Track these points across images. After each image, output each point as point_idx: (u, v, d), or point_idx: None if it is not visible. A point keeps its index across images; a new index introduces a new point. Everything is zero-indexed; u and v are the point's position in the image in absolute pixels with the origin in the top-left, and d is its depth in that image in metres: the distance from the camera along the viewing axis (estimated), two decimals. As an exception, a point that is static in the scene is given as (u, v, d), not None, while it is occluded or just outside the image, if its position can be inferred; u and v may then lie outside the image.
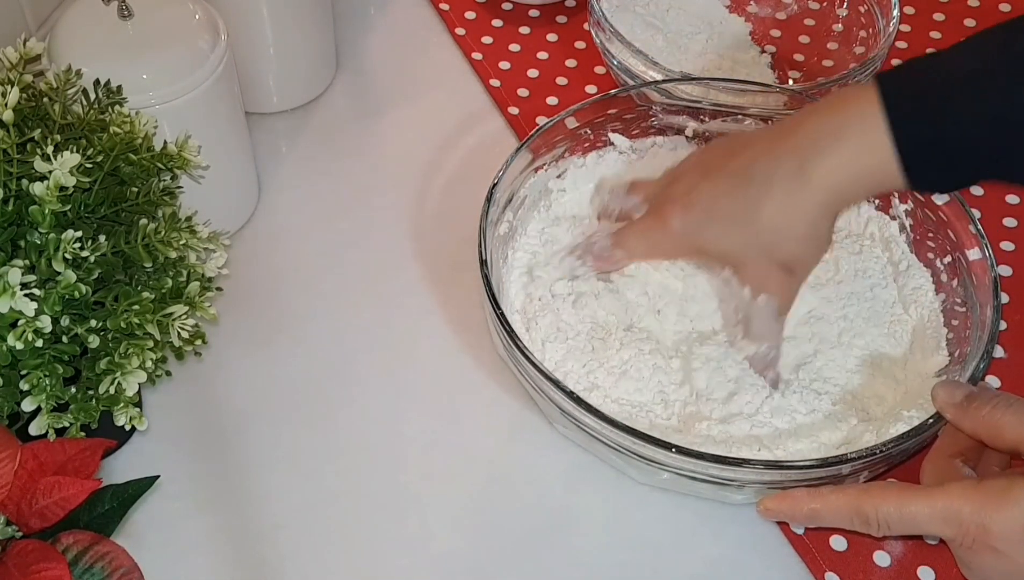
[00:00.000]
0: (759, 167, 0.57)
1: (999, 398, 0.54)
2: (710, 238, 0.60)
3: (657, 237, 0.62)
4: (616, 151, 0.73)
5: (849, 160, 0.55)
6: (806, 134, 0.57)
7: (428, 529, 0.61)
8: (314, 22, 0.79)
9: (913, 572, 0.60)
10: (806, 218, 0.57)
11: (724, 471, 0.56)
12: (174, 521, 0.60)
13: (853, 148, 0.55)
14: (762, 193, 0.57)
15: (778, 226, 0.58)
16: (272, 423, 0.65)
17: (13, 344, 0.50)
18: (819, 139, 0.56)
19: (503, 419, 0.66)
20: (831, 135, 0.56)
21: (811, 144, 0.56)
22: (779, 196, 0.57)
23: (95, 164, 0.55)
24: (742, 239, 0.59)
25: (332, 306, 0.71)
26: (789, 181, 0.57)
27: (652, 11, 0.86)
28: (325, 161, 0.79)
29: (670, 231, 0.61)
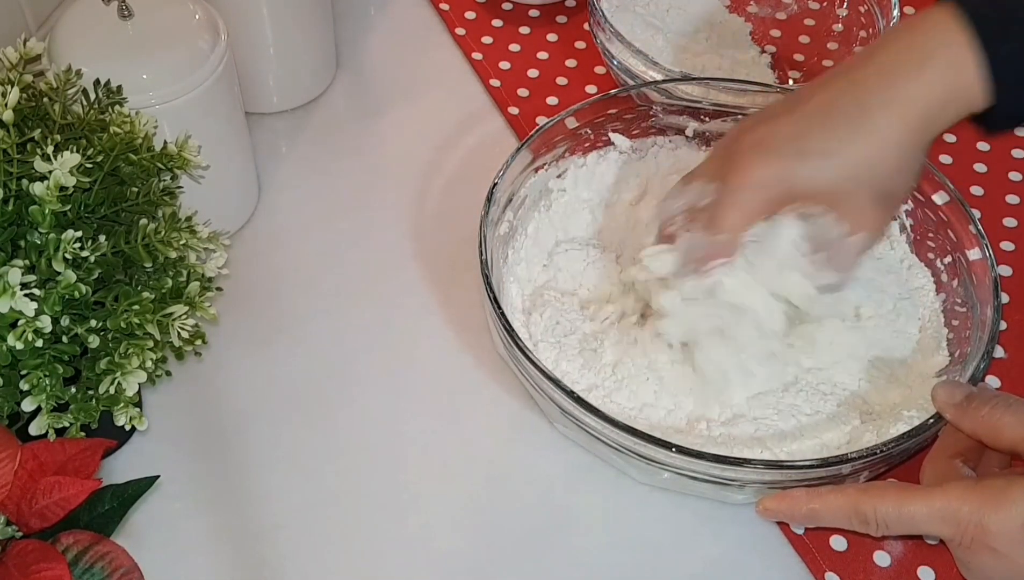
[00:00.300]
0: (845, 99, 0.55)
1: (999, 398, 0.54)
2: (804, 178, 0.56)
3: (745, 195, 0.57)
4: (616, 151, 0.73)
5: (937, 82, 0.53)
6: (889, 60, 0.54)
7: (428, 529, 0.61)
8: (314, 22, 0.79)
9: (913, 572, 0.60)
10: (899, 147, 0.55)
11: (724, 471, 0.56)
12: (174, 521, 0.60)
13: (940, 69, 0.53)
14: (853, 124, 0.54)
15: (871, 157, 0.55)
16: (272, 423, 0.65)
17: (13, 344, 0.50)
18: (904, 63, 0.54)
19: (503, 419, 0.66)
20: (916, 58, 0.53)
21: (896, 69, 0.54)
22: (870, 125, 0.54)
23: (95, 164, 0.55)
24: (837, 173, 0.55)
25: (332, 306, 0.71)
26: (878, 109, 0.54)
27: (652, 11, 0.86)
28: (325, 161, 0.79)
29: (756, 180, 0.56)
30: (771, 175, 0.56)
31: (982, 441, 0.55)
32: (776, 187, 0.57)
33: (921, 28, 0.54)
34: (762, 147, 0.57)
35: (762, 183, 0.57)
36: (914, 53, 0.54)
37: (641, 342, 0.63)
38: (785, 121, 0.57)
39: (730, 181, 0.57)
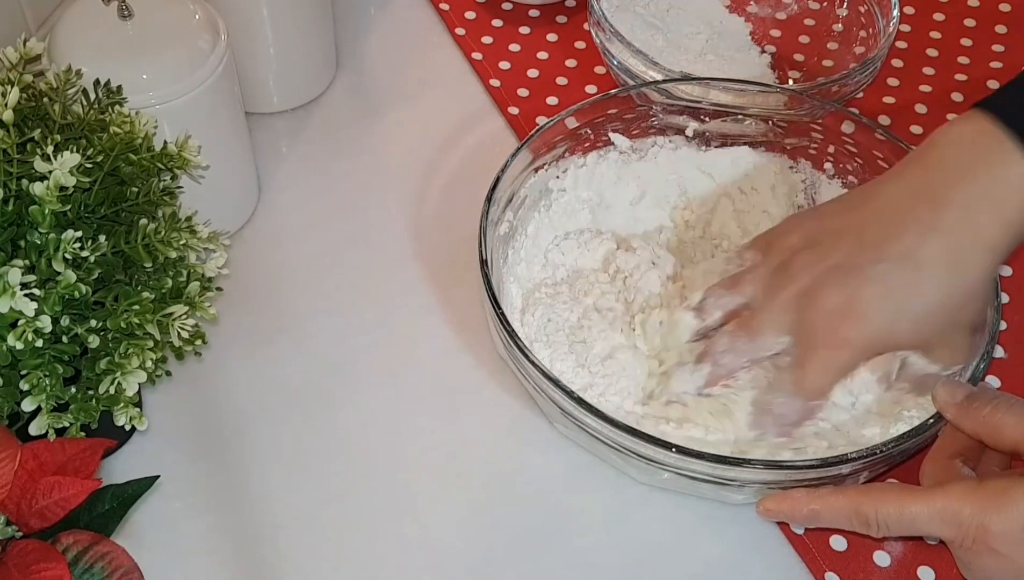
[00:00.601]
0: (931, 249, 0.54)
1: (999, 398, 0.54)
2: (901, 336, 0.56)
3: (840, 362, 0.56)
4: (616, 151, 0.73)
5: (1016, 216, 0.53)
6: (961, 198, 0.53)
7: (428, 529, 0.61)
8: (314, 22, 0.79)
9: (913, 572, 0.60)
10: (984, 284, 0.56)
11: (724, 471, 0.56)
12: (174, 521, 0.60)
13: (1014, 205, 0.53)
14: (946, 278, 0.54)
15: (965, 304, 0.55)
16: (272, 423, 0.65)
17: (13, 344, 0.50)
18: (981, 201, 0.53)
19: (503, 419, 0.66)
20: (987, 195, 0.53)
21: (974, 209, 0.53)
22: (967, 276, 0.54)
23: (95, 164, 0.55)
24: (938, 323, 0.55)
25: (332, 306, 0.71)
26: (971, 258, 0.54)
27: (652, 11, 0.86)
28: (325, 161, 0.79)
29: (857, 348, 0.56)
30: (868, 342, 0.56)
31: (983, 441, 0.55)
32: (873, 350, 0.56)
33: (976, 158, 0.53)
34: (853, 313, 0.55)
35: (860, 348, 0.56)
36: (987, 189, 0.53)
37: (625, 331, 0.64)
38: (864, 280, 0.55)
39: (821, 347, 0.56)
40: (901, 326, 0.55)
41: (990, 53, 0.88)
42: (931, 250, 0.54)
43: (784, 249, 0.59)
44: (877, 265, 0.55)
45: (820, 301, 0.55)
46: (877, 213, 0.56)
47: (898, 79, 0.85)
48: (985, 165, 0.53)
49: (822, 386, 0.57)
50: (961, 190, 0.54)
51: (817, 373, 0.57)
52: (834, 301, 0.55)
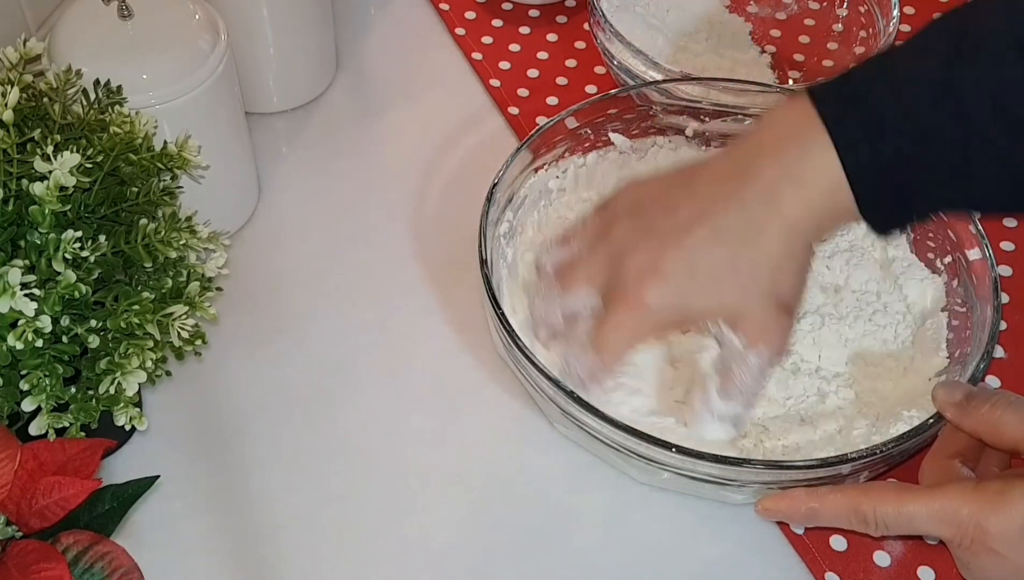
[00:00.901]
0: (729, 219, 0.54)
1: (999, 397, 0.54)
2: (697, 301, 0.55)
3: (636, 322, 0.56)
4: (616, 151, 0.73)
5: (815, 198, 0.53)
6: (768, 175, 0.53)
7: (428, 529, 0.61)
8: (314, 22, 0.79)
9: (913, 572, 0.60)
10: (788, 259, 0.54)
11: (724, 471, 0.56)
12: (174, 521, 0.60)
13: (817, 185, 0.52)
14: (741, 243, 0.53)
15: (762, 275, 0.54)
16: (272, 423, 0.65)
17: (13, 344, 0.50)
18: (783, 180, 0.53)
19: (503, 419, 0.66)
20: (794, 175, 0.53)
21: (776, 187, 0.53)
22: (761, 243, 0.53)
23: (95, 164, 0.55)
24: (733, 291, 0.55)
25: (332, 306, 0.71)
26: (767, 231, 0.53)
27: (652, 11, 0.86)
28: (325, 161, 0.79)
29: (650, 310, 0.55)
30: (662, 302, 0.55)
31: (982, 440, 0.55)
32: (668, 314, 0.56)
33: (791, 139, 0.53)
34: (654, 273, 0.55)
35: (654, 309, 0.55)
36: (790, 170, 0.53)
37: None
38: (671, 244, 0.55)
39: (618, 303, 0.56)
40: (695, 291, 0.55)
41: (990, 53, 0.88)
42: (730, 220, 0.54)
43: (613, 212, 0.59)
44: (683, 234, 0.55)
45: (627, 262, 0.56)
46: (696, 184, 0.56)
47: (898, 79, 0.85)
48: (794, 145, 0.53)
49: (616, 343, 0.56)
50: (768, 166, 0.53)
51: (612, 330, 0.56)
52: (638, 263, 0.55)
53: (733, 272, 0.54)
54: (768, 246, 0.53)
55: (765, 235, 0.53)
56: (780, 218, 0.53)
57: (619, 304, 0.56)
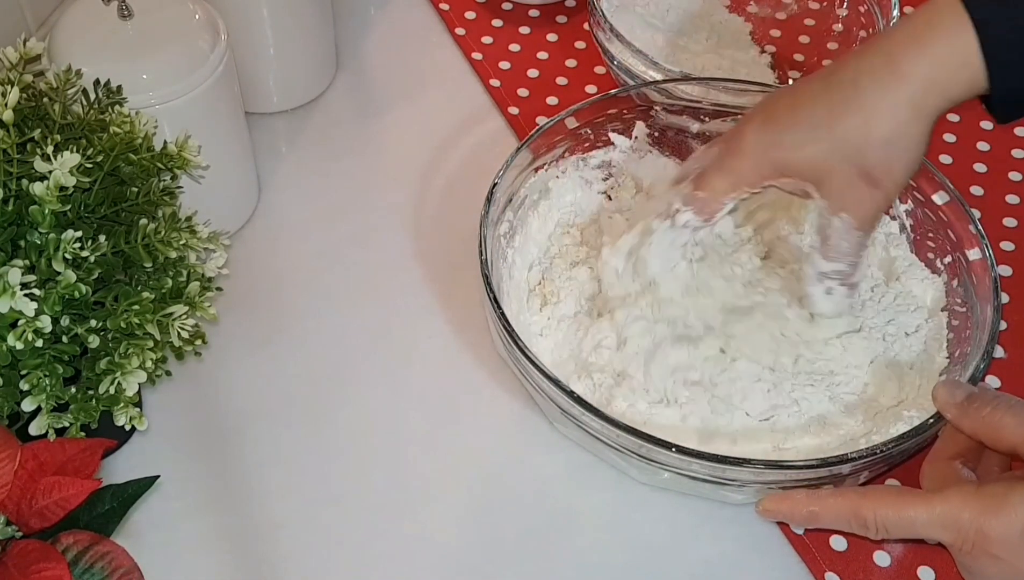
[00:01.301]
0: (846, 72, 0.54)
1: (999, 399, 0.54)
2: (788, 147, 0.55)
3: (734, 161, 0.57)
4: (616, 151, 0.73)
5: (936, 61, 0.52)
6: (892, 41, 0.54)
7: (428, 529, 0.61)
8: (314, 22, 0.79)
9: (913, 572, 0.60)
10: (894, 117, 0.53)
11: (724, 471, 0.56)
12: (174, 521, 0.60)
13: (940, 48, 0.52)
14: (847, 94, 0.53)
15: (863, 128, 0.53)
16: (272, 423, 0.65)
17: (13, 344, 0.50)
18: (905, 42, 0.53)
19: (503, 419, 0.66)
20: (917, 38, 0.53)
21: (896, 48, 0.53)
22: (864, 95, 0.53)
23: (95, 164, 0.55)
24: (824, 145, 0.54)
25: (332, 306, 0.71)
26: (875, 78, 0.53)
27: (652, 11, 0.86)
28: (325, 161, 0.79)
29: (746, 147, 0.56)
30: (757, 141, 0.57)
31: (982, 441, 0.55)
32: (761, 156, 0.57)
33: (928, 9, 0.53)
34: (763, 113, 0.57)
35: (749, 147, 0.57)
36: (916, 33, 0.53)
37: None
38: (789, 94, 0.57)
39: (725, 140, 0.59)
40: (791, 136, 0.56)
41: (990, 53, 0.88)
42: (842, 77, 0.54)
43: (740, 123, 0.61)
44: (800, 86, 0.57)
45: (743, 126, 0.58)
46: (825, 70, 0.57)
47: (898, 79, 0.85)
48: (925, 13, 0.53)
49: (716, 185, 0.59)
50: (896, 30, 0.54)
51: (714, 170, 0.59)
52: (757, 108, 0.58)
53: (830, 125, 0.54)
54: (873, 103, 0.53)
55: (872, 91, 0.53)
56: (894, 77, 0.52)
57: (723, 149, 0.58)
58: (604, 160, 0.73)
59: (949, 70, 0.52)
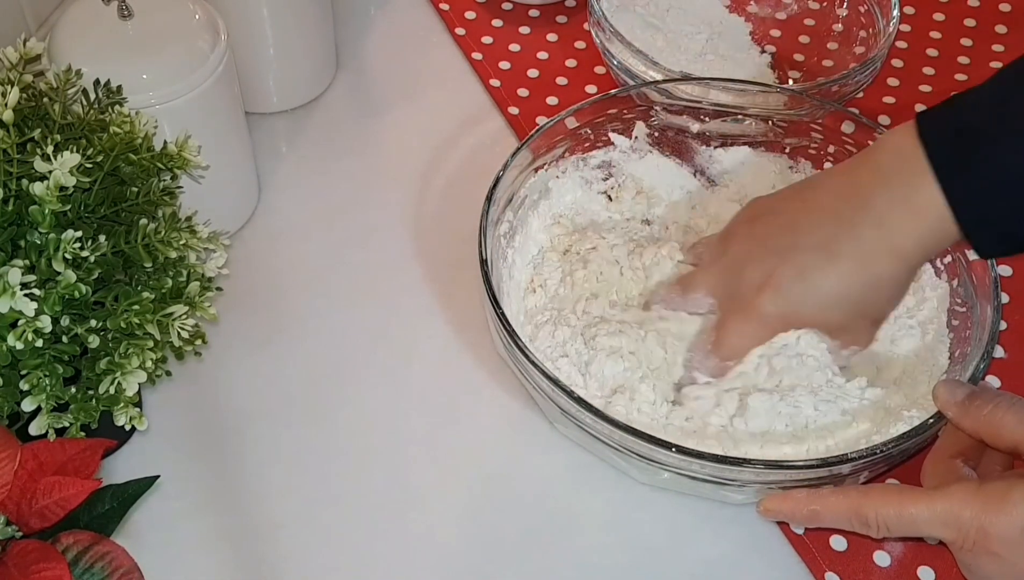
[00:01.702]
0: (843, 244, 0.58)
1: (1000, 398, 0.54)
2: (809, 314, 0.60)
3: (754, 328, 0.61)
4: (616, 151, 0.73)
5: (926, 228, 0.56)
6: (879, 206, 0.57)
7: (428, 529, 0.61)
8: (314, 22, 0.79)
9: (913, 572, 0.60)
10: (895, 284, 0.59)
11: (724, 471, 0.56)
12: (174, 521, 0.60)
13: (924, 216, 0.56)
14: (854, 269, 0.58)
15: (875, 296, 0.59)
16: (272, 423, 0.65)
17: (13, 344, 0.50)
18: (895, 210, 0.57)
19: (503, 419, 0.66)
20: (900, 203, 0.56)
21: (888, 216, 0.57)
22: (871, 273, 0.58)
23: (95, 164, 0.55)
24: (841, 311, 0.60)
25: (332, 306, 0.71)
26: (879, 257, 0.58)
27: (652, 11, 0.86)
28: (325, 161, 0.79)
29: (767, 318, 0.60)
30: (779, 312, 0.60)
31: (983, 440, 0.55)
32: (781, 322, 0.61)
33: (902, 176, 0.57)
34: (772, 284, 0.60)
35: (770, 317, 0.60)
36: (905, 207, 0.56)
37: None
38: (787, 260, 0.59)
39: (737, 312, 0.61)
40: (809, 306, 0.60)
41: (990, 53, 0.88)
42: (845, 244, 0.58)
43: (734, 227, 0.64)
44: (798, 251, 0.59)
45: (745, 273, 0.61)
46: (812, 204, 0.61)
47: (898, 79, 0.85)
48: (904, 178, 0.57)
49: (735, 347, 0.62)
50: (880, 196, 0.57)
51: (732, 335, 0.62)
52: (756, 275, 0.60)
53: (843, 293, 0.59)
54: (878, 272, 0.58)
55: (877, 263, 0.58)
56: (891, 246, 0.57)
57: (738, 313, 0.61)
58: (604, 160, 0.73)
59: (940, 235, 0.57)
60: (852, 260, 0.58)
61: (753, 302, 0.60)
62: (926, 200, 0.56)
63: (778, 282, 0.59)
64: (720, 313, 0.62)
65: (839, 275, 0.58)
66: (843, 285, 0.59)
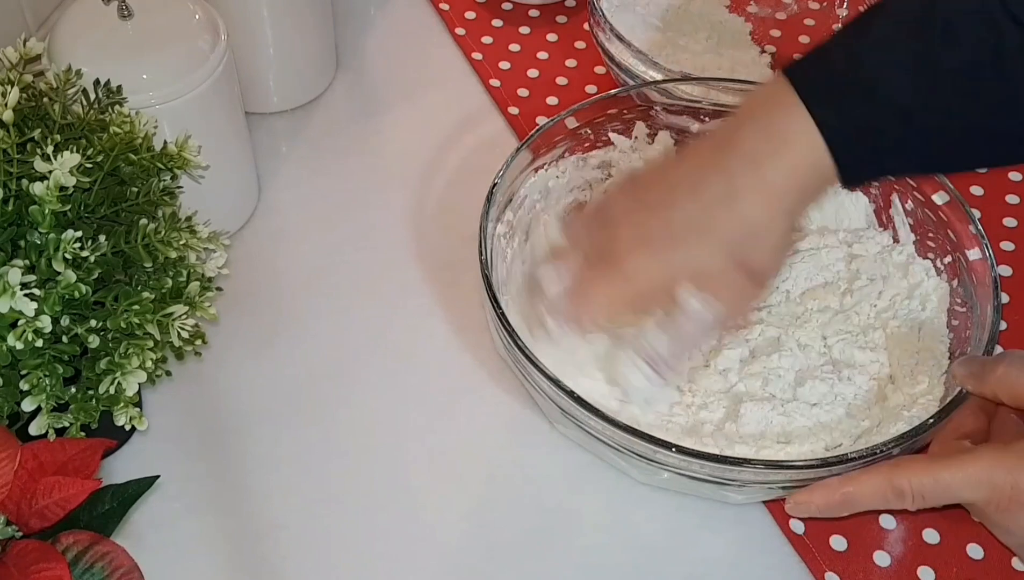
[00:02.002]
0: (715, 186, 0.55)
1: (1013, 357, 0.55)
2: (679, 264, 0.56)
3: (617, 290, 0.57)
4: (616, 151, 0.73)
5: (798, 165, 0.54)
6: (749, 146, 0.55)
7: (428, 529, 0.61)
8: (314, 22, 0.79)
9: (913, 572, 0.60)
10: (774, 231, 0.56)
11: (724, 471, 0.56)
12: (174, 521, 0.60)
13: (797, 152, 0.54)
14: (722, 206, 0.55)
15: (743, 239, 0.55)
16: (272, 423, 0.65)
17: (13, 344, 0.50)
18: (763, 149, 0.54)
19: (503, 419, 0.66)
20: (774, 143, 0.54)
21: (757, 155, 0.54)
22: (740, 210, 0.54)
23: (95, 164, 0.55)
24: (707, 249, 0.55)
25: (332, 306, 0.71)
26: (748, 194, 0.54)
27: (652, 11, 0.86)
28: (325, 161, 0.79)
29: (636, 273, 0.56)
30: (647, 266, 0.56)
31: (1003, 402, 0.56)
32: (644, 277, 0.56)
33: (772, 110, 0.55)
34: (637, 236, 0.56)
35: (639, 272, 0.56)
36: (772, 137, 0.54)
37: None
38: (656, 211, 0.56)
39: (604, 265, 0.57)
40: (673, 253, 0.56)
41: (990, 53, 0.88)
42: (713, 187, 0.55)
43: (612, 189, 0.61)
44: (668, 203, 0.56)
45: (617, 232, 0.57)
46: (685, 160, 0.58)
47: (898, 79, 0.85)
48: (771, 115, 0.55)
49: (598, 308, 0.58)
50: (749, 135, 0.55)
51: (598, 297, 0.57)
52: (626, 234, 0.57)
53: (709, 231, 0.55)
54: (748, 210, 0.54)
55: (746, 200, 0.54)
56: (762, 183, 0.54)
57: (602, 273, 0.57)
58: (604, 160, 0.73)
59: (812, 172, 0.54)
60: (721, 202, 0.55)
61: (620, 261, 0.56)
62: (796, 128, 0.53)
63: (647, 236, 0.56)
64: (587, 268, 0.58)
65: (705, 216, 0.55)
66: (708, 224, 0.55)
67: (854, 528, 0.61)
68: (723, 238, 0.55)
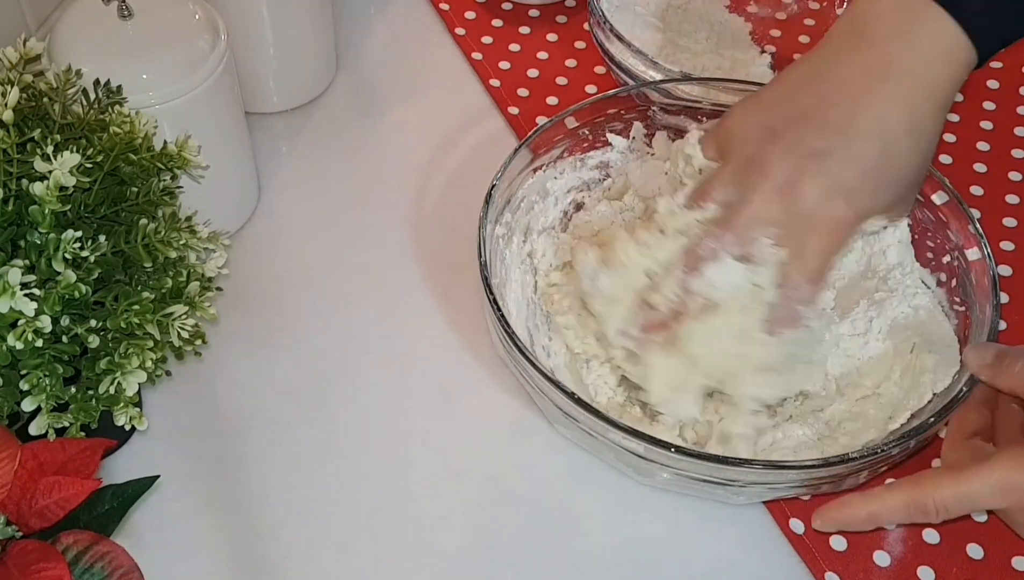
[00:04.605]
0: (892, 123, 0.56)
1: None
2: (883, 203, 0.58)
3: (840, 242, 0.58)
4: (616, 151, 0.73)
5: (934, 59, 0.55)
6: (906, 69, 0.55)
7: (428, 529, 0.61)
8: (314, 22, 0.79)
9: (913, 572, 0.60)
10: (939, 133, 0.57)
11: (724, 471, 0.56)
12: (174, 521, 0.60)
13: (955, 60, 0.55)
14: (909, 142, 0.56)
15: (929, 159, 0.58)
16: (272, 423, 0.65)
17: (13, 344, 0.50)
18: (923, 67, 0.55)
19: (503, 419, 0.66)
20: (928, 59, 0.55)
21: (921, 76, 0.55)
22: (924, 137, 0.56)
23: (95, 164, 0.55)
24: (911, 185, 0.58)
25: (332, 306, 0.71)
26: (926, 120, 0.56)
27: (652, 11, 0.86)
28: (325, 161, 0.79)
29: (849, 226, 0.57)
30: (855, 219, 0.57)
31: (1018, 395, 0.56)
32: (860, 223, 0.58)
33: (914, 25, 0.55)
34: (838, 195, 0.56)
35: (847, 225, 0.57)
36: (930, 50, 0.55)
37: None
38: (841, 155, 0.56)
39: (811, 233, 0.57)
40: (882, 196, 0.57)
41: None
42: (895, 122, 0.56)
43: (744, 145, 0.59)
44: (850, 146, 0.56)
45: (805, 191, 0.56)
46: (832, 93, 0.57)
47: (898, 79, 0.85)
48: (919, 27, 0.55)
49: (822, 269, 0.58)
50: (907, 59, 0.55)
51: (817, 257, 0.58)
52: (818, 188, 0.56)
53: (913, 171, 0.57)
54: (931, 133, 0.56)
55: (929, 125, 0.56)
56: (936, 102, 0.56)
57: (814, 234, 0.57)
58: (602, 160, 0.73)
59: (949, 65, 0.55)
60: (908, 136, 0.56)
61: (830, 218, 0.56)
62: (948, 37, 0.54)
63: (848, 188, 0.56)
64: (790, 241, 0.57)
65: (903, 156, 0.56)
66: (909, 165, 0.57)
67: (854, 528, 0.61)
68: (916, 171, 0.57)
